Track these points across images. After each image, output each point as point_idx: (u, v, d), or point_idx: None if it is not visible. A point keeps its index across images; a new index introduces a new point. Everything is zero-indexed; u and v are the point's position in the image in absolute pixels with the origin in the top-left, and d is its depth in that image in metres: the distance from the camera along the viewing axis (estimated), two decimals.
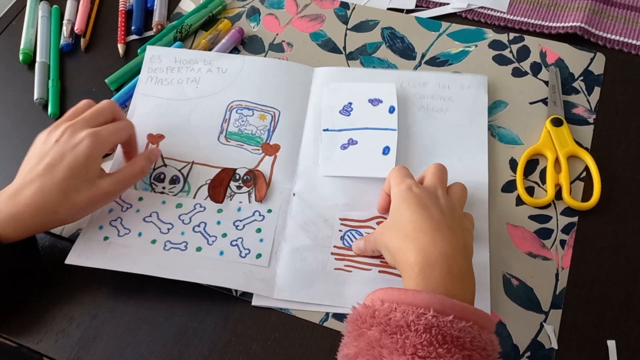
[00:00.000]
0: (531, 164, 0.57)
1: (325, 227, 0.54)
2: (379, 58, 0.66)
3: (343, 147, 0.58)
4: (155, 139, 0.60)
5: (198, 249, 0.53)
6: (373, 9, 0.70)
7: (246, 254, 0.53)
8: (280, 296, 0.51)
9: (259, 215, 0.55)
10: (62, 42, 0.70)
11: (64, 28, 0.70)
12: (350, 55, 0.66)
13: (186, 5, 0.73)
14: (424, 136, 0.59)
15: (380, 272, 0.51)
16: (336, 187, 0.56)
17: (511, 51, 0.65)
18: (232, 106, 0.62)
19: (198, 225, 0.54)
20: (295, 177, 0.57)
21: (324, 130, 0.59)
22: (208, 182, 0.57)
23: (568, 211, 0.54)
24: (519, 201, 0.55)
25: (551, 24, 0.67)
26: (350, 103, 0.61)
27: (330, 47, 0.67)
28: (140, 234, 0.54)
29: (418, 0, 0.71)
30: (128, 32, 0.71)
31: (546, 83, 0.62)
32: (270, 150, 0.59)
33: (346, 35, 0.68)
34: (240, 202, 0.56)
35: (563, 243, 0.53)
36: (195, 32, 0.70)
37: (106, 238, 0.53)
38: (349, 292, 0.51)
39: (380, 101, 0.60)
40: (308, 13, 0.71)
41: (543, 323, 0.49)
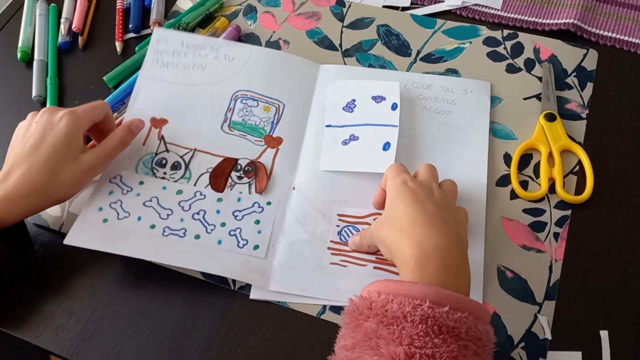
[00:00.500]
0: (525, 159, 0.58)
1: (323, 222, 0.54)
2: (375, 55, 0.66)
3: (344, 143, 0.59)
4: (158, 123, 0.60)
5: (196, 237, 0.53)
6: (369, 7, 0.71)
7: (244, 245, 0.53)
8: (275, 288, 0.51)
9: (259, 206, 0.55)
10: (60, 40, 0.70)
11: (62, 26, 0.71)
12: (346, 52, 0.67)
13: (183, 3, 0.73)
14: (425, 135, 0.59)
15: (375, 268, 0.52)
16: (335, 183, 0.57)
17: (505, 48, 0.66)
18: (237, 95, 0.62)
19: (197, 212, 0.55)
20: (296, 171, 0.58)
21: (327, 126, 0.60)
22: (209, 171, 0.57)
23: (561, 204, 0.55)
24: (513, 195, 0.56)
25: (545, 21, 0.68)
26: (353, 100, 0.61)
27: (326, 45, 0.68)
28: (139, 218, 0.54)
29: None
30: (126, 30, 0.71)
31: (540, 79, 0.63)
32: (272, 142, 0.59)
33: (342, 32, 0.69)
34: (240, 193, 0.56)
35: (556, 236, 0.53)
36: (192, 30, 0.70)
37: (105, 220, 0.53)
38: (344, 287, 0.51)
39: (383, 98, 0.60)
40: (304, 11, 0.71)
41: (537, 314, 0.50)
